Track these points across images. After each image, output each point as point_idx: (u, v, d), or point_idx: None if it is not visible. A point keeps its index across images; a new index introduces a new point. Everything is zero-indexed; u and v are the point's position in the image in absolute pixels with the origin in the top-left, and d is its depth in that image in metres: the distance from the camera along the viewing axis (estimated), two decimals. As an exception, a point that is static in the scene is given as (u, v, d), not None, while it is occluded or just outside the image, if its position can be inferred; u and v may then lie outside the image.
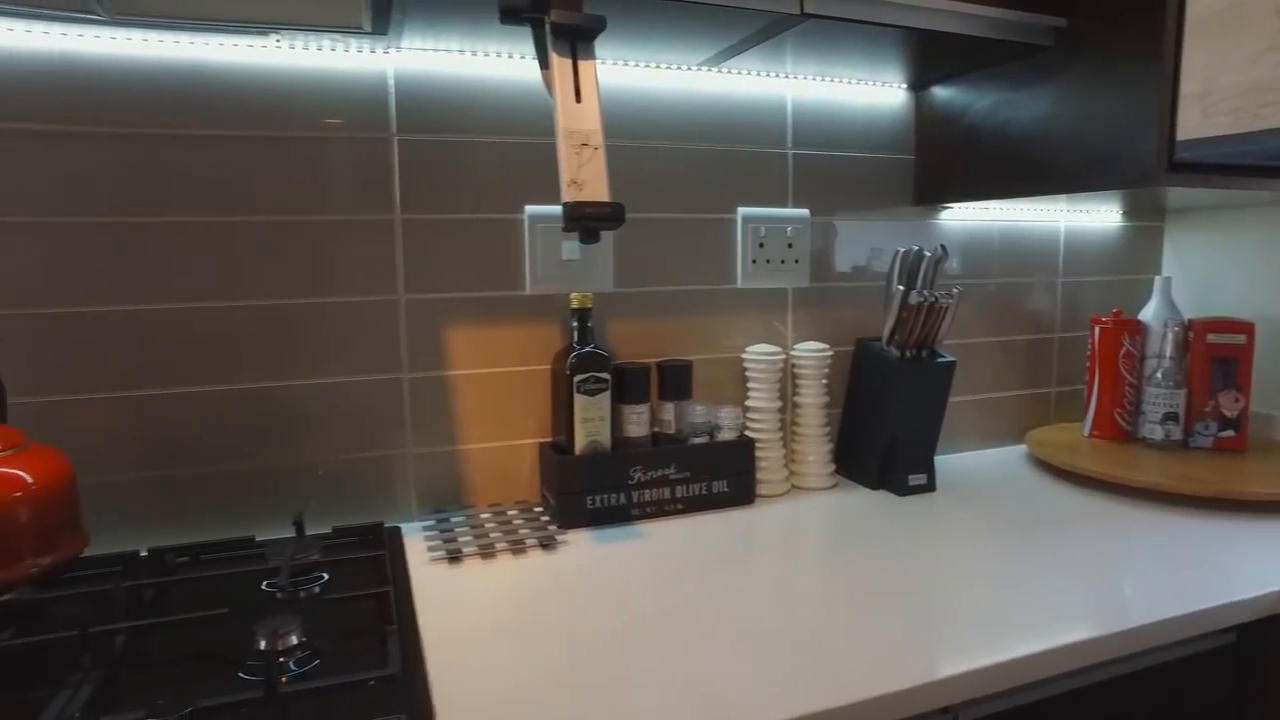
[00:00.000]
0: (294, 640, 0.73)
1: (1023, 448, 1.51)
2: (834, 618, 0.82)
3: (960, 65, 1.24)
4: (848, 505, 1.19)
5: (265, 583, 0.90)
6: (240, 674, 0.71)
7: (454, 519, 1.10)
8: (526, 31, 0.88)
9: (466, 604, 0.86)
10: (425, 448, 1.11)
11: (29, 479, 0.83)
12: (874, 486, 1.27)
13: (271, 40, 0.98)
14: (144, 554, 0.94)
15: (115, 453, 0.99)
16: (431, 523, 1.09)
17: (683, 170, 1.22)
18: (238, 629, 0.76)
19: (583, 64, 0.79)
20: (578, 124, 0.77)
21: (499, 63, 1.10)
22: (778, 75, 1.26)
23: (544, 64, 0.86)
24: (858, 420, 1.31)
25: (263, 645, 0.73)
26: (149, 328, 0.99)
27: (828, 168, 1.32)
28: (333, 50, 1.03)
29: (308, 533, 1.01)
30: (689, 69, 1.21)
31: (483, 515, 1.12)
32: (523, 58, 1.11)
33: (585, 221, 0.75)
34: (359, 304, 1.06)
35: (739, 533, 1.08)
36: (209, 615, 0.77)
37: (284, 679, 0.69)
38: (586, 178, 0.76)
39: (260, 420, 1.04)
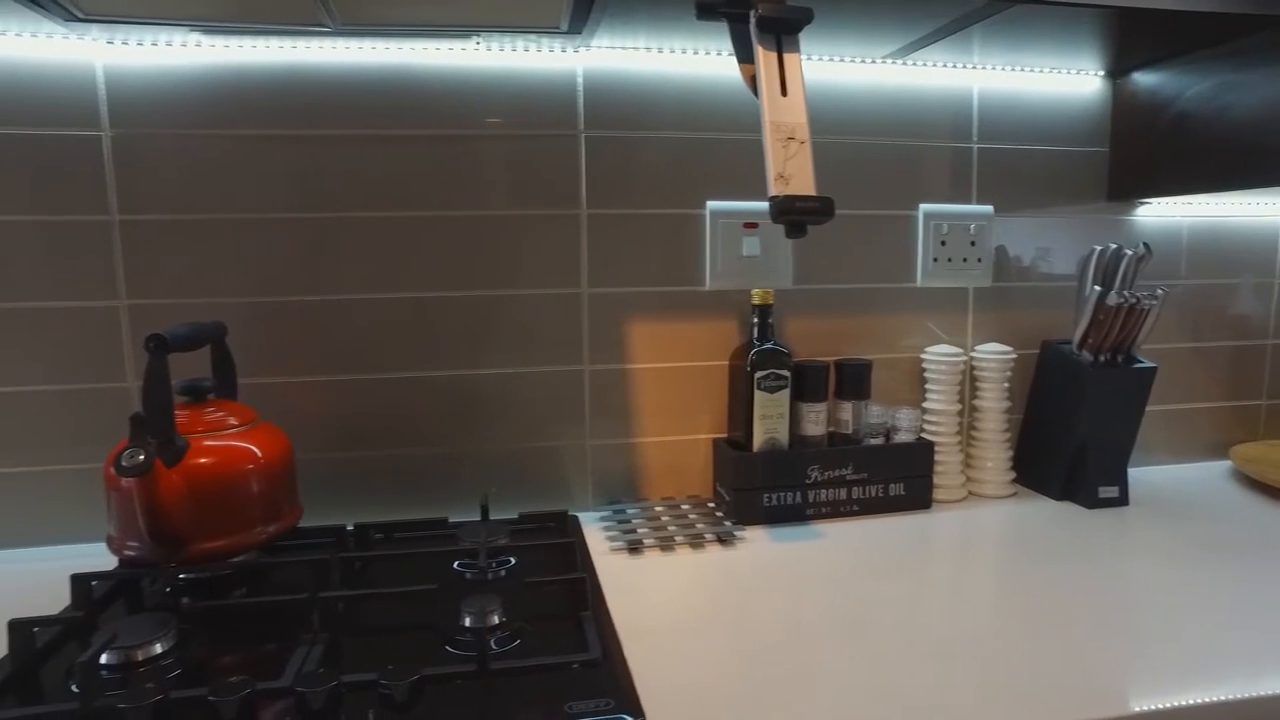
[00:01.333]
0: (496, 620, 0.76)
1: (1225, 464, 1.39)
2: (1023, 632, 0.78)
3: (1172, 47, 1.15)
4: (1030, 515, 1.13)
5: (457, 562, 0.94)
6: (448, 647, 0.74)
7: (629, 510, 1.12)
8: (714, 27, 0.88)
9: (651, 594, 0.88)
10: (602, 439, 1.14)
11: (259, 453, 0.90)
12: (1058, 497, 1.20)
13: (472, 43, 1.03)
14: (350, 528, 1.01)
15: (321, 432, 1.06)
16: (607, 513, 1.11)
17: (863, 166, 1.19)
18: (443, 604, 0.80)
19: (788, 57, 0.79)
20: (784, 117, 0.77)
21: (682, 59, 1.11)
22: (964, 66, 1.21)
23: (743, 58, 0.86)
24: (1042, 427, 1.24)
25: (468, 622, 0.76)
26: (352, 316, 1.06)
27: (1014, 162, 1.25)
28: (525, 51, 1.06)
29: (492, 517, 1.05)
30: (872, 62, 1.18)
31: (657, 508, 1.13)
32: (707, 54, 1.11)
33: (794, 216, 0.74)
34: (544, 296, 1.10)
35: (917, 538, 1.04)
36: (419, 590, 0.81)
37: (492, 655, 0.72)
38: (793, 171, 0.75)
39: (450, 406, 1.09)
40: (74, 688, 0.69)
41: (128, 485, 0.85)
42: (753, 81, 0.84)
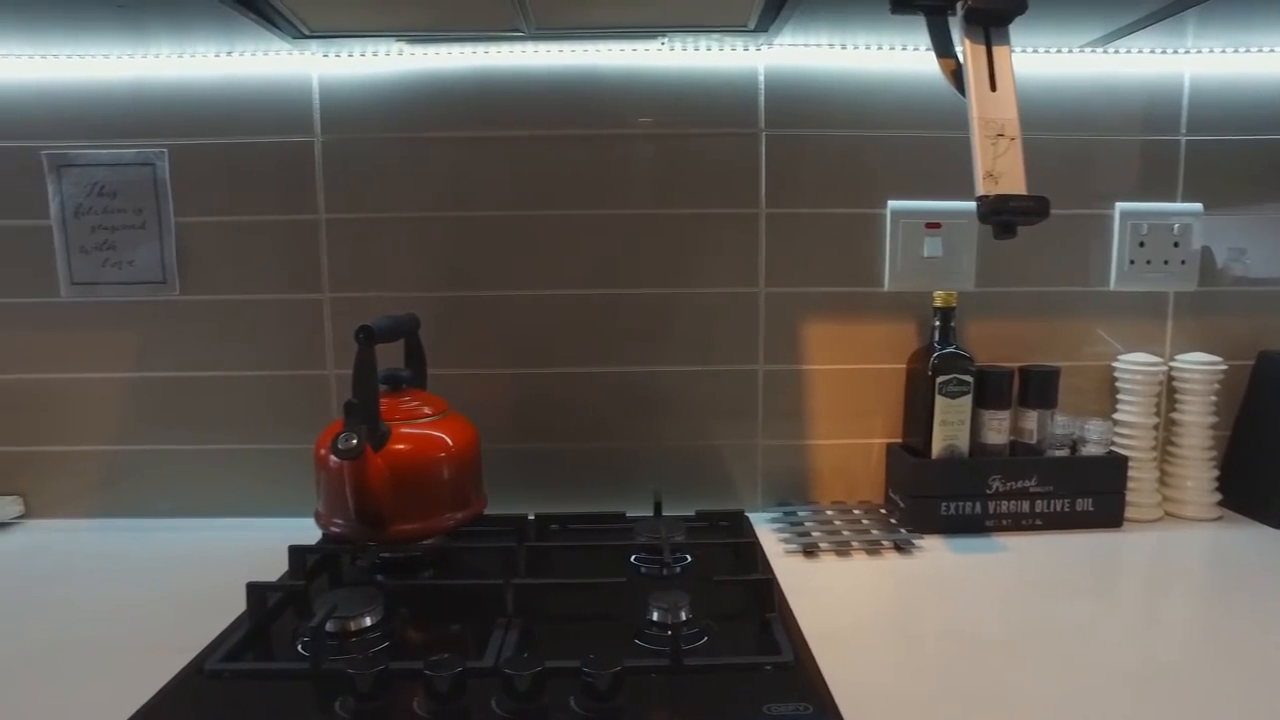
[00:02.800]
0: (685, 616, 0.77)
1: None
2: (1226, 670, 0.72)
3: None
4: (1241, 542, 1.04)
5: (634, 556, 0.96)
6: (638, 640, 0.75)
7: (800, 513, 1.10)
8: (901, 21, 0.86)
9: (831, 599, 0.86)
10: (774, 440, 1.13)
11: (450, 442, 0.94)
12: (1276, 524, 1.09)
13: (658, 43, 1.04)
14: (531, 518, 1.05)
15: (502, 423, 1.10)
16: (778, 515, 1.10)
17: (1054, 162, 1.12)
18: (629, 598, 0.81)
19: (997, 50, 0.75)
20: (993, 113, 0.73)
21: (864, 55, 1.08)
22: (1174, 51, 1.12)
23: (942, 52, 0.83)
24: (1257, 446, 1.14)
25: (656, 616, 0.77)
26: (535, 312, 1.10)
27: (1229, 154, 1.15)
28: (708, 50, 1.06)
29: (666, 514, 1.06)
30: (1067, 51, 1.11)
31: (828, 512, 1.11)
32: (891, 49, 1.08)
33: (1006, 216, 0.71)
34: (722, 295, 1.10)
35: (1106, 557, 0.98)
36: (609, 582, 0.83)
37: (684, 651, 0.72)
38: (1003, 170, 0.72)
39: (625, 402, 1.11)
40: (300, 648, 0.75)
41: (337, 466, 0.91)
42: (954, 76, 0.81)
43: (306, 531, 0.99)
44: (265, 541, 1.04)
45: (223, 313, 1.11)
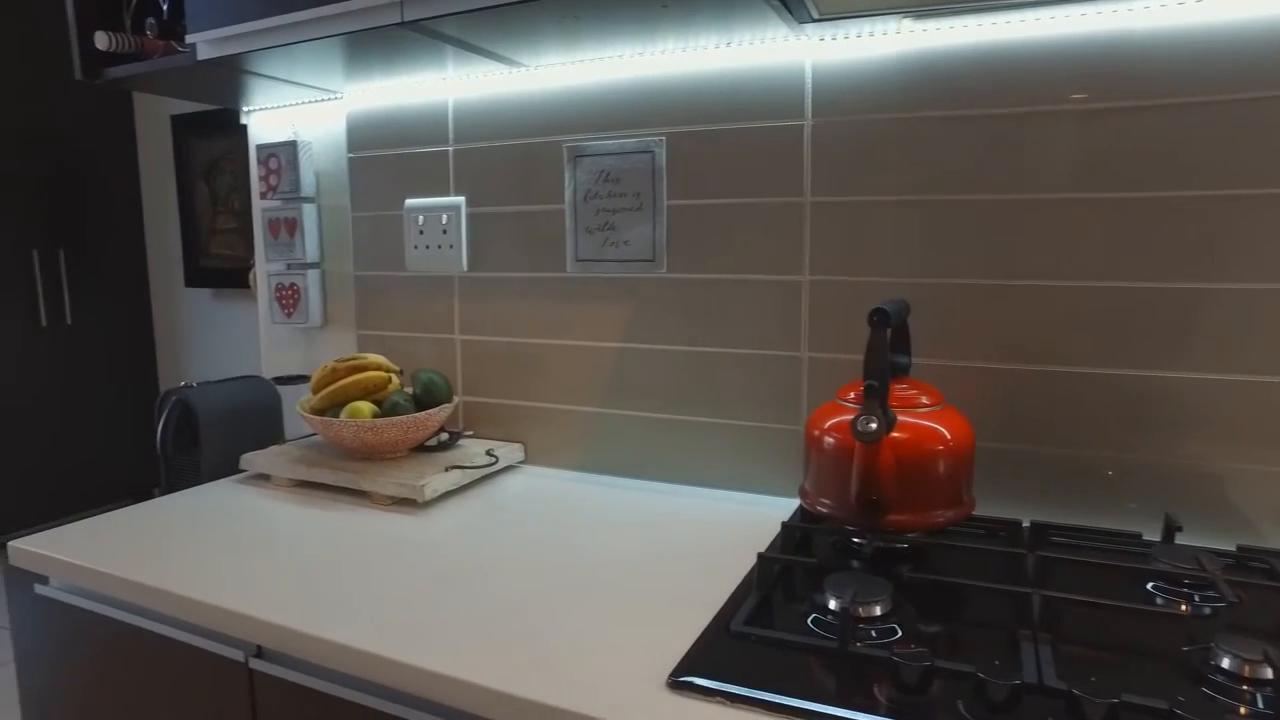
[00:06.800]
0: (1267, 673, 0.65)
1: None
2: None
3: None
4: None
5: (1151, 583, 0.84)
6: (1204, 689, 0.65)
7: (1365, 564, 0.89)
8: None
9: None
10: (1326, 470, 0.92)
11: (948, 435, 0.90)
12: None
13: (1217, -5, 0.89)
14: (1026, 524, 0.97)
15: (986, 419, 1.03)
16: (1326, 562, 0.90)
17: None
18: (1166, 630, 0.71)
19: None
20: None
21: None
22: None
23: None
24: None
25: (1226, 664, 0.66)
26: (1031, 303, 1.01)
27: None
28: None
29: (1186, 543, 0.92)
30: None
31: None
32: None
33: None
34: (1267, 292, 0.91)
35: None
36: (1159, 611, 0.73)
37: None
38: None
39: (1132, 409, 0.98)
40: (810, 623, 0.76)
41: (832, 447, 0.92)
42: None
43: (774, 507, 1.02)
44: (736, 511, 1.09)
45: (705, 291, 1.17)
